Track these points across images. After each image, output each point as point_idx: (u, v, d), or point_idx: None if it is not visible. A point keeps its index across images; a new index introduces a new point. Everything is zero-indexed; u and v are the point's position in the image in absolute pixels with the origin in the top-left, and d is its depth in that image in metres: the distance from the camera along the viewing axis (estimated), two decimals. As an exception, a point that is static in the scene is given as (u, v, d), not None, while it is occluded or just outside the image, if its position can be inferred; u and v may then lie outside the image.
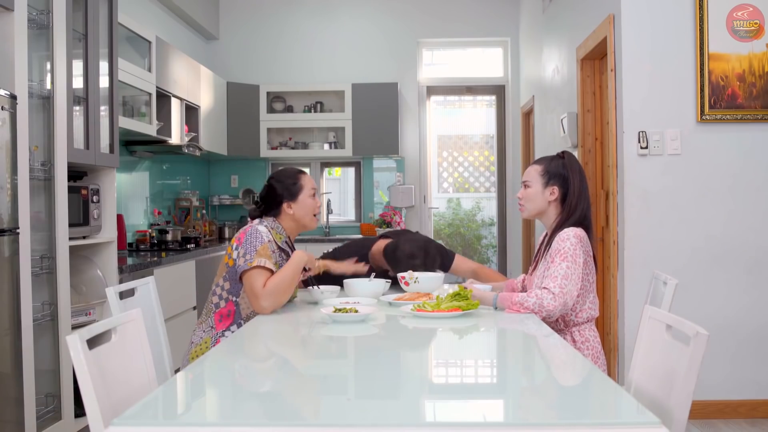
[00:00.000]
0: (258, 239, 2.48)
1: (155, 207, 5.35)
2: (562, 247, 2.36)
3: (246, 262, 2.44)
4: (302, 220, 2.66)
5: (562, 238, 2.39)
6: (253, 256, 2.44)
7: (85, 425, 3.14)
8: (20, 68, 2.74)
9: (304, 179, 2.68)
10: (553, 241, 2.41)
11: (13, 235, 2.67)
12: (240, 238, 2.51)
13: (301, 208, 2.64)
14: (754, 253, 3.55)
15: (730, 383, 3.55)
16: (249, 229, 2.52)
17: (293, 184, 2.65)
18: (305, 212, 2.65)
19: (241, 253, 2.46)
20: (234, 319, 2.53)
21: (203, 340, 2.51)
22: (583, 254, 2.38)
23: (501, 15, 6.79)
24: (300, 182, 2.66)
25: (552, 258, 2.37)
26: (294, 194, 2.64)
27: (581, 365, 1.76)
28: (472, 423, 1.34)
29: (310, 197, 2.66)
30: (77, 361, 1.49)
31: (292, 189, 2.64)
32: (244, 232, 2.52)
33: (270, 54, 6.81)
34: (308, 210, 2.66)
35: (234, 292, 2.53)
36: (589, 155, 4.28)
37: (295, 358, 1.98)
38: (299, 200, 2.64)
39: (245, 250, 2.46)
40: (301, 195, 2.64)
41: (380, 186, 6.86)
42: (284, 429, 1.28)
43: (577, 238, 2.38)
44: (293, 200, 2.63)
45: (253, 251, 2.45)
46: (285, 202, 2.63)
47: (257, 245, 2.46)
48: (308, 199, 2.65)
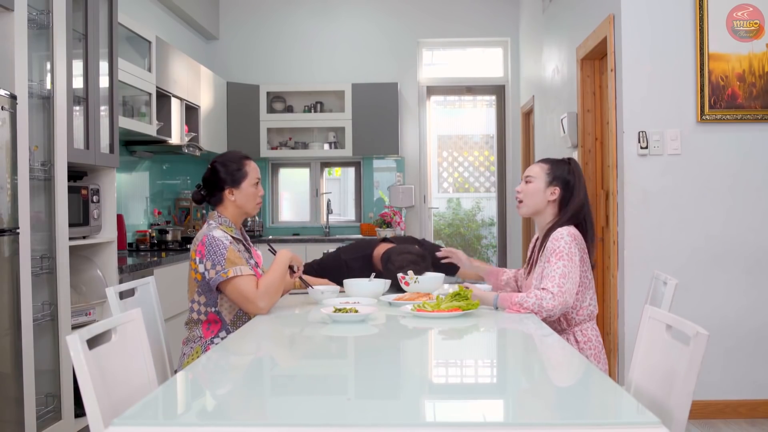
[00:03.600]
0: (221, 246, 2.43)
1: (155, 207, 5.35)
2: (557, 246, 2.36)
3: (218, 273, 2.39)
4: (244, 207, 2.60)
5: (555, 237, 2.39)
6: (225, 265, 2.39)
7: (85, 425, 3.14)
8: (20, 68, 2.74)
9: (249, 166, 2.61)
10: (548, 241, 2.42)
11: (13, 235, 2.67)
12: (200, 251, 2.44)
13: (243, 196, 2.58)
14: (753, 253, 3.55)
15: (730, 383, 3.55)
16: (205, 239, 2.45)
17: (237, 170, 2.57)
18: (247, 200, 2.59)
19: (209, 266, 2.41)
20: (222, 326, 2.52)
21: (194, 350, 2.50)
22: (578, 252, 2.38)
23: (501, 15, 6.79)
24: (244, 168, 2.59)
25: (548, 258, 2.37)
26: (237, 181, 2.57)
27: (581, 365, 1.75)
28: (472, 423, 1.34)
29: (252, 186, 2.59)
30: (77, 361, 1.49)
31: (236, 175, 2.57)
32: (202, 244, 2.44)
33: (270, 54, 6.81)
34: (250, 198, 2.59)
35: (212, 304, 2.50)
36: (589, 155, 4.28)
37: (294, 358, 1.98)
38: (242, 188, 2.57)
39: (212, 261, 2.41)
40: (245, 183, 2.58)
41: (380, 186, 6.86)
42: (284, 429, 1.28)
43: (571, 236, 2.38)
44: (236, 187, 2.57)
45: (223, 260, 2.40)
46: (227, 188, 2.56)
47: (223, 252, 2.41)
48: (250, 188, 2.59)
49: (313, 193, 6.91)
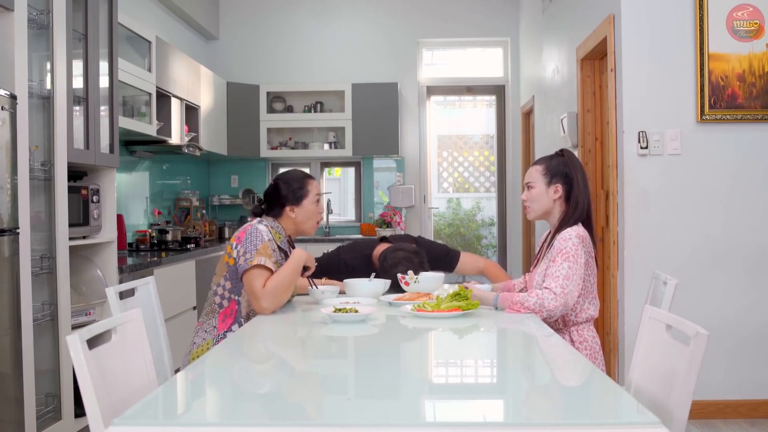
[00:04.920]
0: (258, 238, 2.48)
1: (155, 207, 5.34)
2: (564, 246, 2.36)
3: (246, 261, 2.43)
4: (302, 225, 2.66)
5: (564, 237, 2.39)
6: (254, 254, 2.43)
7: (85, 425, 3.14)
8: (20, 68, 2.74)
9: (311, 185, 2.67)
10: (555, 241, 2.42)
11: (13, 235, 2.67)
12: (240, 237, 2.50)
13: (303, 214, 2.64)
14: (753, 252, 3.55)
15: (729, 383, 3.55)
16: (249, 228, 2.51)
17: (299, 188, 2.64)
18: (306, 218, 2.65)
19: (242, 252, 2.46)
20: (235, 318, 2.53)
21: (205, 341, 2.50)
22: (584, 255, 2.38)
23: (501, 15, 6.79)
24: (306, 187, 2.65)
25: (554, 258, 2.37)
26: (299, 199, 2.63)
27: (581, 365, 1.76)
28: (472, 423, 1.34)
29: (314, 203, 2.65)
30: (77, 361, 1.49)
31: (297, 193, 2.63)
32: (244, 231, 2.51)
33: (270, 54, 6.81)
34: (310, 216, 2.65)
35: (236, 291, 2.53)
36: (589, 155, 4.28)
37: (295, 358, 1.98)
38: (303, 205, 2.63)
39: (245, 248, 2.45)
40: (306, 201, 2.64)
41: (380, 186, 6.86)
42: (284, 429, 1.28)
43: (579, 238, 2.38)
44: (297, 204, 2.63)
45: (254, 250, 2.44)
46: (288, 205, 2.63)
47: (258, 244, 2.46)
48: (312, 206, 2.65)
49: (313, 193, 6.90)
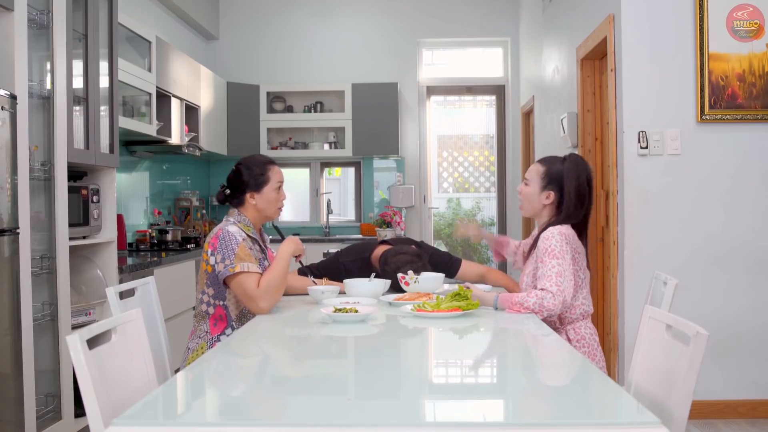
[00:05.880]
0: (233, 241, 2.45)
1: (155, 207, 5.34)
2: (548, 245, 2.37)
3: (227, 267, 2.41)
4: (265, 212, 2.62)
5: (546, 237, 2.39)
6: (233, 260, 2.41)
7: (85, 425, 3.14)
8: (20, 68, 2.74)
9: (272, 171, 2.62)
10: (539, 241, 2.42)
11: (13, 235, 2.67)
12: (213, 243, 2.47)
13: (263, 201, 2.59)
14: (753, 252, 3.55)
15: (729, 383, 3.55)
16: (220, 233, 2.47)
17: (260, 174, 2.59)
18: (267, 205, 2.60)
19: (219, 259, 2.43)
20: (227, 322, 2.52)
21: (199, 345, 2.50)
22: (570, 250, 2.38)
23: (501, 15, 6.79)
24: (267, 174, 2.60)
25: (541, 258, 2.37)
26: (259, 185, 2.58)
27: (581, 365, 1.76)
28: (472, 423, 1.34)
29: (274, 191, 2.61)
30: (77, 361, 1.49)
31: (259, 179, 2.59)
32: (216, 237, 2.47)
33: (270, 54, 6.81)
34: (271, 203, 2.61)
35: (220, 297, 2.51)
36: (589, 155, 4.28)
37: (295, 358, 1.98)
38: (263, 192, 2.59)
39: (222, 255, 2.43)
40: (266, 188, 2.59)
41: (380, 186, 6.86)
42: (284, 429, 1.28)
43: (562, 235, 2.38)
44: (257, 191, 2.58)
45: (232, 255, 2.42)
46: (249, 191, 2.58)
47: (234, 248, 2.43)
48: (272, 193, 2.60)
49: (313, 193, 6.91)
